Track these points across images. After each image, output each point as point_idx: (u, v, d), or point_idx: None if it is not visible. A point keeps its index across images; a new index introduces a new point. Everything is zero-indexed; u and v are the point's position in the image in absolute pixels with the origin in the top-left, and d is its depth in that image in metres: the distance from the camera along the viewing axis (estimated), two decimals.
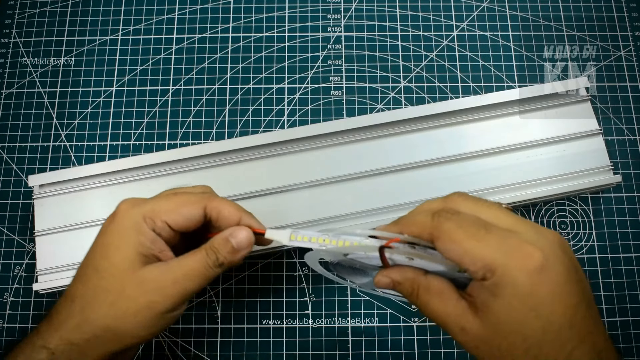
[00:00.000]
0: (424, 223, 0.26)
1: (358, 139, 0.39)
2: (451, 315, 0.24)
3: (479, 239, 0.23)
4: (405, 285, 0.26)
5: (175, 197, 0.29)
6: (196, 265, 0.27)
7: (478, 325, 0.23)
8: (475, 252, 0.23)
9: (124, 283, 0.26)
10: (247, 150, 0.39)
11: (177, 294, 0.27)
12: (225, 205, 0.29)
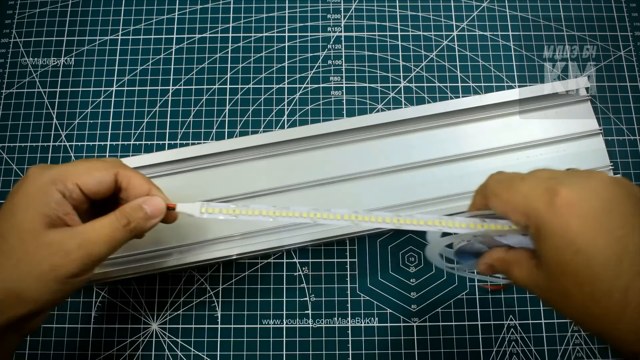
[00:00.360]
0: (479, 194, 0.28)
1: (358, 139, 0.39)
2: (527, 278, 0.25)
3: (514, 189, 0.24)
4: (497, 266, 0.27)
5: (88, 161, 0.29)
6: (104, 230, 0.27)
7: (542, 277, 0.24)
8: (513, 202, 0.24)
9: (28, 245, 0.26)
10: (247, 150, 0.39)
11: (82, 258, 0.26)
12: (136, 175, 0.30)
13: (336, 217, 0.31)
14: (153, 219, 0.29)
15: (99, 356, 0.37)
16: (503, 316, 0.38)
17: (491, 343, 0.37)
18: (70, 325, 0.38)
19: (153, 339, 0.38)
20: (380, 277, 0.39)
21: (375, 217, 0.30)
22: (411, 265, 0.39)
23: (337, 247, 0.39)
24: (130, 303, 0.38)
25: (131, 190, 0.29)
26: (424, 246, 0.39)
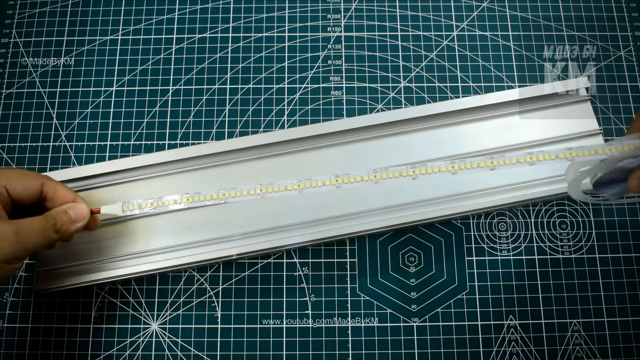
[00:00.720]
0: None
1: (358, 139, 0.39)
2: None
3: None
4: None
5: (17, 169, 0.32)
6: (35, 226, 0.30)
7: None
8: None
9: None
10: (247, 150, 0.39)
11: (18, 244, 0.29)
12: (61, 187, 0.33)
13: (282, 188, 0.33)
14: (77, 223, 0.33)
15: (99, 356, 0.37)
16: (503, 316, 0.38)
17: (491, 343, 0.37)
18: (70, 325, 0.38)
19: (153, 339, 0.38)
20: (380, 277, 0.39)
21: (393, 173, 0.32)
22: (411, 265, 0.39)
23: (337, 247, 0.39)
24: (130, 303, 0.38)
25: (57, 200, 0.32)
26: (424, 246, 0.39)
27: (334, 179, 0.32)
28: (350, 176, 0.32)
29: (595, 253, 0.39)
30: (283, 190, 0.33)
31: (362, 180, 0.32)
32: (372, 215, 0.38)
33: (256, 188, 0.33)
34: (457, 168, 0.31)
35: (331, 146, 0.39)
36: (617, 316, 0.38)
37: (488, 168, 0.30)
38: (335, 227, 0.37)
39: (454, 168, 0.30)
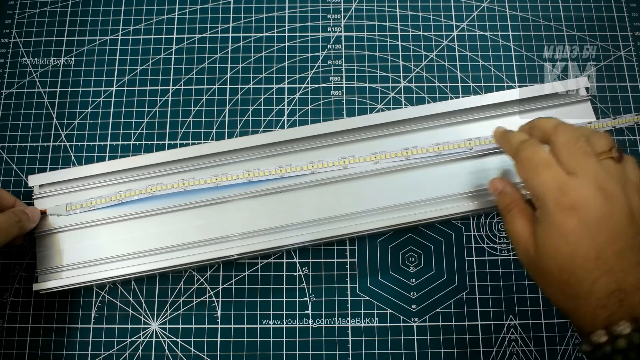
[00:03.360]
0: (511, 146, 0.32)
1: (358, 139, 0.39)
2: (525, 237, 0.30)
3: (537, 174, 0.29)
4: (507, 199, 0.32)
5: None
6: (4, 218, 0.35)
7: (533, 249, 0.29)
8: (532, 185, 0.29)
9: None
10: (247, 150, 0.39)
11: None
12: (2, 191, 0.37)
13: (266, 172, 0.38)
14: (33, 223, 0.37)
15: (99, 356, 0.37)
16: (503, 316, 0.38)
17: (491, 343, 0.37)
18: (70, 325, 0.38)
19: (153, 339, 0.38)
20: (380, 277, 0.39)
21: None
22: (411, 265, 0.39)
23: (337, 247, 0.39)
24: (130, 303, 0.38)
25: (0, 202, 0.37)
26: (424, 246, 0.39)
27: (310, 164, 0.37)
28: (323, 162, 0.38)
29: None
30: (234, 179, 0.38)
31: (333, 165, 0.38)
32: (372, 215, 0.38)
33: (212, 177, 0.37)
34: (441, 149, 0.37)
35: (331, 146, 0.39)
36: None
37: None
38: (335, 227, 0.37)
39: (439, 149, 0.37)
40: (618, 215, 0.27)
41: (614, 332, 0.25)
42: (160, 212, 0.38)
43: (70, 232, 0.38)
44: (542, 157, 0.29)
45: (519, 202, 0.32)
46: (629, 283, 0.26)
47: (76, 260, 0.37)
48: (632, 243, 0.27)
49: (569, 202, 0.27)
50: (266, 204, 0.38)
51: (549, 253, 0.28)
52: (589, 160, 0.28)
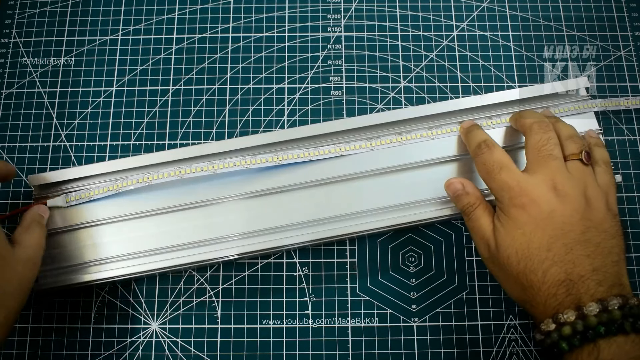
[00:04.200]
0: (471, 148, 0.35)
1: (358, 139, 0.39)
2: (488, 232, 0.32)
3: (493, 177, 0.32)
4: (471, 198, 0.34)
5: None
6: (40, 240, 0.35)
7: (494, 243, 0.31)
8: (490, 186, 0.33)
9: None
10: (247, 150, 0.39)
11: (35, 267, 0.33)
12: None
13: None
14: (45, 220, 0.37)
15: (99, 356, 0.37)
16: (503, 316, 0.38)
17: (491, 343, 0.37)
18: (70, 325, 0.38)
19: (153, 339, 0.38)
20: (380, 277, 0.39)
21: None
22: (411, 265, 0.39)
23: (337, 247, 0.39)
24: (130, 303, 0.38)
25: None
26: (424, 246, 0.39)
27: (306, 152, 0.38)
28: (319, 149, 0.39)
29: None
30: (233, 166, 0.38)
31: (329, 153, 0.38)
32: (372, 215, 0.38)
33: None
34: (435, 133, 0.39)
35: (331, 146, 0.39)
36: None
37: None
38: (335, 227, 0.37)
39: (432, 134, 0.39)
40: (569, 212, 0.30)
41: (560, 320, 0.27)
42: (160, 212, 0.38)
43: (70, 232, 0.38)
44: (496, 159, 0.32)
45: (482, 200, 0.34)
46: (576, 273, 0.28)
47: (76, 260, 0.37)
48: (582, 238, 0.29)
49: (521, 201, 0.30)
50: (266, 204, 0.38)
51: (507, 243, 0.30)
52: (551, 162, 0.31)
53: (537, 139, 0.32)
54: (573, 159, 0.32)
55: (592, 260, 0.28)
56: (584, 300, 0.27)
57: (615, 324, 0.26)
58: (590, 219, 0.30)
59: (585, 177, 0.31)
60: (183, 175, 0.37)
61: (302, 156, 0.38)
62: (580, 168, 0.32)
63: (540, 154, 0.32)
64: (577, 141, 0.33)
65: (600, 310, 0.26)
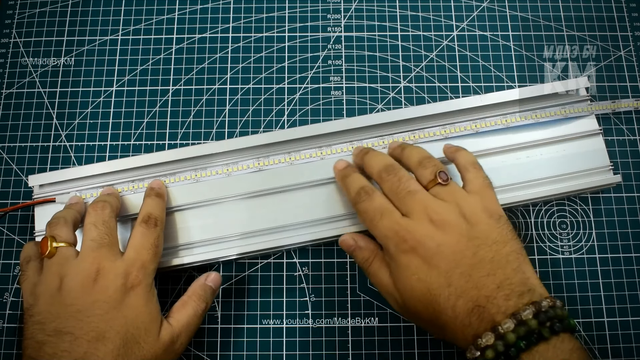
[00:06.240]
0: (350, 196, 0.34)
1: (358, 139, 0.39)
2: (390, 285, 0.31)
3: (376, 224, 0.31)
4: (365, 252, 0.33)
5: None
6: (192, 320, 0.33)
7: (398, 294, 0.30)
8: (375, 234, 0.32)
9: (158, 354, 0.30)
10: (247, 150, 0.39)
11: (184, 345, 0.32)
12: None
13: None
14: (218, 290, 0.36)
15: None
16: None
17: None
18: None
19: None
20: None
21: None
22: None
23: (337, 247, 0.39)
24: None
25: None
26: None
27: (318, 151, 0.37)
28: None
29: (595, 253, 0.39)
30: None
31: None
32: None
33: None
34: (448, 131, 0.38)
35: (331, 146, 0.39)
36: (617, 316, 0.38)
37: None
38: (335, 227, 0.37)
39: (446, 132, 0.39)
40: (454, 240, 0.29)
41: (480, 345, 0.26)
42: None
43: None
44: (377, 207, 0.31)
45: (377, 252, 0.33)
46: (483, 297, 0.27)
47: None
48: (475, 260, 0.28)
49: (407, 245, 0.29)
50: (266, 204, 0.38)
51: (409, 294, 0.29)
52: (415, 197, 0.30)
53: (389, 185, 0.32)
54: (432, 185, 0.31)
55: (494, 277, 0.27)
56: (498, 319, 0.26)
57: (534, 334, 0.26)
58: (477, 237, 0.29)
59: (454, 196, 0.30)
60: (199, 178, 0.38)
61: (315, 156, 0.38)
62: (445, 190, 0.31)
63: (399, 195, 0.31)
64: (428, 165, 0.32)
65: (516, 324, 0.26)
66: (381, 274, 0.32)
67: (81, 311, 0.29)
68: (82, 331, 0.28)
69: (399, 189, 0.31)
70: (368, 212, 0.32)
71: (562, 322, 0.26)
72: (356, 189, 0.33)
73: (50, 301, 0.29)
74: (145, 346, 0.29)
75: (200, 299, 0.33)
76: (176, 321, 0.32)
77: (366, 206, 0.32)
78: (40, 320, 0.29)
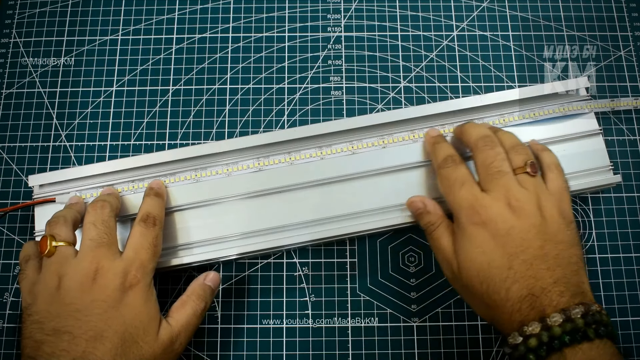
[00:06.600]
0: (436, 160, 0.35)
1: (358, 139, 0.39)
2: (449, 252, 0.32)
3: (454, 191, 0.32)
4: (432, 217, 0.34)
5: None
6: (191, 320, 0.33)
7: (456, 263, 0.31)
8: (449, 200, 0.33)
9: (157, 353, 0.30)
10: (247, 150, 0.39)
11: (184, 345, 0.32)
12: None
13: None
14: (217, 289, 0.36)
15: None
16: None
17: (491, 343, 0.37)
18: None
19: None
20: (380, 277, 0.39)
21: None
22: (411, 265, 0.39)
23: (337, 247, 0.39)
24: None
25: None
26: (424, 246, 0.39)
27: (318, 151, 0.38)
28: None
29: (595, 253, 0.39)
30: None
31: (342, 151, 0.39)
32: (372, 215, 0.38)
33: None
34: None
35: (331, 146, 0.39)
36: (617, 316, 0.38)
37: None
38: (335, 227, 0.37)
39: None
40: (526, 228, 0.30)
41: (525, 333, 0.27)
42: None
43: None
44: (459, 176, 0.33)
45: (443, 219, 0.34)
46: (538, 287, 0.28)
47: None
48: (540, 252, 0.29)
49: (480, 219, 0.30)
50: (266, 204, 0.38)
51: (467, 264, 0.30)
52: (503, 178, 0.31)
53: (485, 155, 0.32)
54: (520, 172, 0.32)
55: (553, 272, 0.28)
56: (548, 312, 0.27)
57: (579, 332, 0.26)
58: (546, 232, 0.30)
59: (536, 189, 0.31)
60: (199, 178, 0.38)
61: (315, 155, 0.38)
62: (530, 180, 0.32)
63: (489, 171, 0.32)
64: (521, 152, 0.33)
65: (564, 320, 0.27)
66: (444, 239, 0.33)
67: (80, 310, 0.29)
68: (81, 330, 0.28)
69: (491, 165, 0.32)
70: (450, 178, 0.33)
71: (607, 328, 0.27)
72: (444, 156, 0.34)
73: (49, 300, 0.29)
74: (143, 345, 0.29)
75: (199, 299, 0.33)
76: (175, 321, 0.32)
77: (449, 172, 0.33)
78: (38, 319, 0.29)
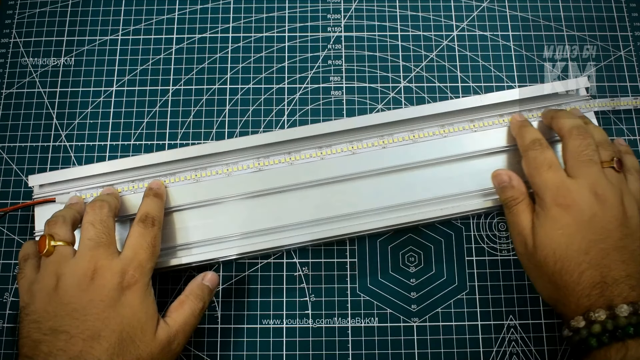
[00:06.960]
0: (523, 142, 0.35)
1: (358, 139, 0.39)
2: (527, 229, 0.33)
3: (540, 173, 0.33)
4: (515, 192, 0.34)
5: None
6: (189, 319, 0.32)
7: (531, 241, 0.32)
8: (535, 181, 0.33)
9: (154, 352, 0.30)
10: (247, 150, 0.39)
11: (182, 345, 0.32)
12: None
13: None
14: (215, 289, 0.35)
15: None
16: (503, 316, 0.38)
17: (491, 343, 0.37)
18: None
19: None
20: (380, 277, 0.39)
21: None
22: (411, 265, 0.39)
23: (337, 247, 0.39)
24: None
25: None
26: (424, 246, 0.39)
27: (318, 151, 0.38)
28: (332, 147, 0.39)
29: None
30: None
31: (341, 151, 0.39)
32: (372, 215, 0.38)
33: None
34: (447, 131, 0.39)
35: (331, 146, 0.39)
36: None
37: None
38: (335, 227, 0.37)
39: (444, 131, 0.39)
40: (608, 218, 0.30)
41: (590, 318, 0.28)
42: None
43: None
44: (547, 158, 0.33)
45: (526, 196, 0.34)
46: (611, 277, 0.29)
47: None
48: (619, 244, 0.30)
49: (565, 201, 0.31)
50: (266, 204, 0.38)
51: (545, 243, 0.31)
52: (592, 167, 0.32)
53: (577, 144, 0.33)
54: (607, 166, 0.33)
55: (627, 266, 0.29)
56: (616, 302, 0.28)
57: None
58: (627, 227, 0.31)
59: (620, 184, 0.32)
60: (199, 178, 0.38)
61: (315, 155, 0.38)
62: (615, 175, 0.33)
63: (580, 158, 0.32)
64: (608, 148, 0.34)
65: (631, 313, 0.27)
66: (523, 216, 0.33)
67: (77, 310, 0.29)
68: (78, 330, 0.28)
69: (583, 153, 0.32)
70: (537, 160, 0.33)
71: None
72: (532, 138, 0.35)
73: (46, 300, 0.29)
74: (141, 345, 0.29)
75: (197, 299, 0.33)
76: (173, 321, 0.32)
77: (537, 154, 0.34)
78: (36, 319, 0.29)
